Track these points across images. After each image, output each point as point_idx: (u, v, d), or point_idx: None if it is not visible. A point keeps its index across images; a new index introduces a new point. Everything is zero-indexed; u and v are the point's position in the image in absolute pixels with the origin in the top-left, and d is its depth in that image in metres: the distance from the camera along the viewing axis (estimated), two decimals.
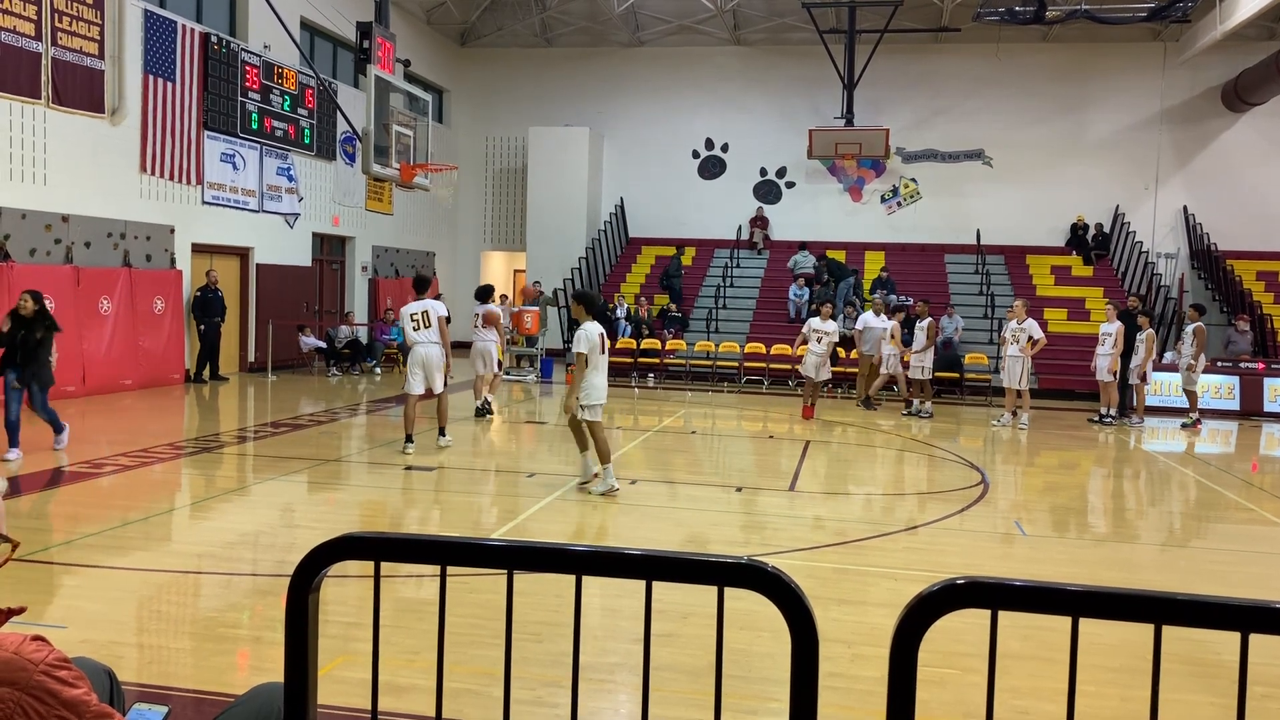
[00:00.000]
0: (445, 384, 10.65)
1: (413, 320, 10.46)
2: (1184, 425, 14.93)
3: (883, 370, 15.89)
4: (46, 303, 9.48)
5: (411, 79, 19.97)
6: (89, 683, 1.73)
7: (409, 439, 10.42)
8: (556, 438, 11.77)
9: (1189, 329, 15.16)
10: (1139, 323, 15.08)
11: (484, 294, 14.05)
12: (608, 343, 8.67)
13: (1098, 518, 8.81)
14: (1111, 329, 14.68)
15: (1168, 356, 16.88)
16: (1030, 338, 14.33)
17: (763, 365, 19.47)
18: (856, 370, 16.94)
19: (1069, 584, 1.55)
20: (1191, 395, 15.05)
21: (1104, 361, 14.74)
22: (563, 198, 24.33)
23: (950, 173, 23.86)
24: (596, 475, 8.62)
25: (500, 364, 14.21)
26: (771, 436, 13.18)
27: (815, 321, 14.61)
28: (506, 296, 22.08)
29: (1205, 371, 15.67)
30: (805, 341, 14.74)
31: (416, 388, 10.39)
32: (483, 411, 13.29)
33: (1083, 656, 1.61)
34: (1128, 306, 15.80)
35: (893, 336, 15.78)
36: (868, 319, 16.42)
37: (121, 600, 5.40)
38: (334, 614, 4.98)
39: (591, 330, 8.36)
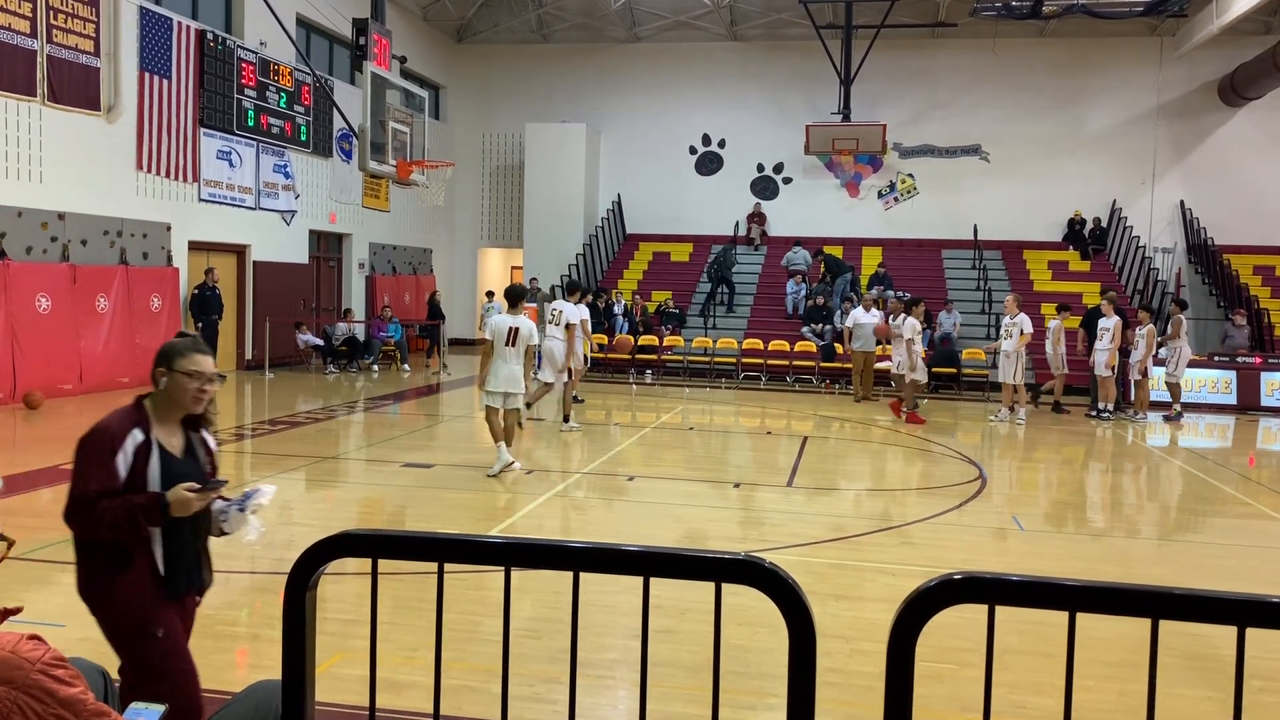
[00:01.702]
0: (565, 378, 12.10)
1: (551, 315, 12.22)
2: (1166, 418, 15.06)
3: (1055, 373, 15.33)
4: None
5: (408, 75, 19.94)
6: (85, 681, 1.73)
7: (565, 419, 11.95)
8: (553, 435, 11.77)
9: (1169, 323, 15.31)
10: (1139, 318, 15.11)
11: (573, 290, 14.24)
12: (533, 338, 9.17)
13: (1095, 512, 8.82)
14: (1110, 324, 14.68)
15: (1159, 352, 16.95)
16: (1023, 332, 14.32)
17: (760, 361, 19.47)
18: (851, 366, 16.91)
19: (1066, 579, 1.55)
20: (1174, 388, 15.12)
21: (1102, 356, 14.74)
22: (560, 194, 24.28)
23: (947, 168, 23.85)
24: (506, 467, 9.04)
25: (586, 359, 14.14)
26: (769, 432, 13.18)
27: (915, 323, 14.02)
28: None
29: (1202, 366, 15.62)
30: (890, 344, 14.34)
31: (548, 376, 11.95)
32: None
33: (1080, 651, 1.61)
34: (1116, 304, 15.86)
35: (1057, 337, 14.94)
36: (857, 315, 16.40)
37: None
38: (332, 611, 4.97)
39: (499, 321, 9.03)
